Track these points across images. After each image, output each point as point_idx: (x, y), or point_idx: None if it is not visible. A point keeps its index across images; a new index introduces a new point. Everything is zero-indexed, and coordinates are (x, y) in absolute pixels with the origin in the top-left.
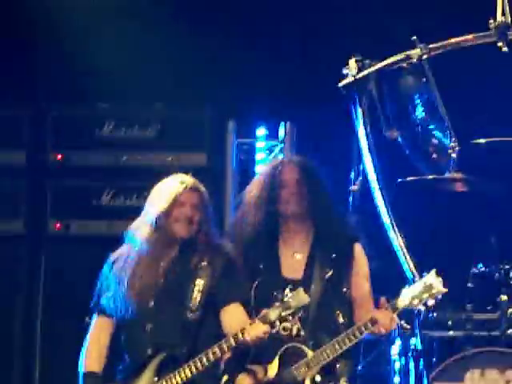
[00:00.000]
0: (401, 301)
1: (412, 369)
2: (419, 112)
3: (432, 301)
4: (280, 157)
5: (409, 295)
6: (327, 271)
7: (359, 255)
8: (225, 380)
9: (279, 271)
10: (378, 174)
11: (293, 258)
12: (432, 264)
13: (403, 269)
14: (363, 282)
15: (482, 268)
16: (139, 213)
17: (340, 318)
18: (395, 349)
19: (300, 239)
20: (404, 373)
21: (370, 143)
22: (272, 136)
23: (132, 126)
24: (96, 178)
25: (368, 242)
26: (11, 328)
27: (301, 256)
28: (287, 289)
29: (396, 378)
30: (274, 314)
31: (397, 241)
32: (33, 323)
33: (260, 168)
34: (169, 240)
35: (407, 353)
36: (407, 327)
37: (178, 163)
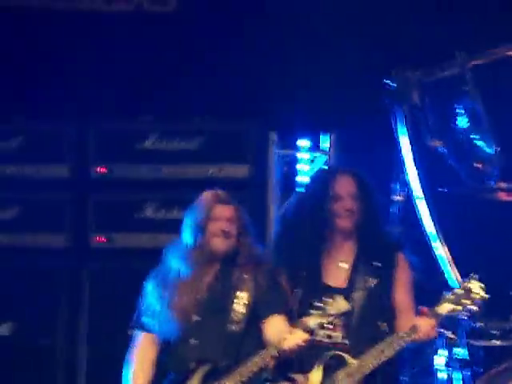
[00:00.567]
0: (442, 307)
1: (457, 379)
2: (462, 122)
3: (474, 307)
4: (334, 166)
5: (450, 301)
6: (371, 280)
7: (402, 264)
8: None
9: (322, 280)
10: (422, 184)
11: (337, 268)
12: (476, 274)
13: (447, 279)
14: (406, 291)
15: None
16: (181, 225)
17: (383, 327)
18: (439, 359)
19: (345, 250)
20: (449, 383)
21: (414, 153)
22: (314, 147)
23: (174, 139)
24: (138, 191)
25: (411, 252)
26: (54, 343)
27: (345, 265)
28: (326, 297)
29: None
30: (313, 322)
31: (441, 250)
32: (77, 337)
33: (307, 178)
34: (209, 256)
35: (452, 363)
36: (452, 337)
37: (220, 175)
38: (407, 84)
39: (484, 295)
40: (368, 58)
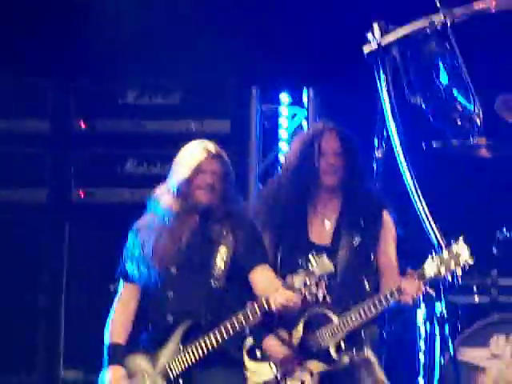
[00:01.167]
0: (428, 270)
1: (437, 334)
2: (443, 78)
3: (459, 270)
4: (320, 123)
5: (436, 264)
6: (355, 238)
7: (387, 223)
8: (250, 342)
9: (306, 236)
10: (402, 140)
11: (322, 225)
12: (457, 230)
13: (428, 236)
14: (390, 249)
15: (507, 233)
16: (163, 180)
17: (367, 285)
18: (420, 315)
19: (330, 207)
20: (429, 339)
21: (394, 108)
22: (295, 102)
23: (156, 94)
24: (120, 146)
25: (393, 209)
26: (35, 297)
27: (330, 223)
28: (311, 255)
29: (421, 344)
30: (299, 281)
31: (421, 207)
32: (57, 292)
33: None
34: (190, 207)
35: (432, 319)
36: (432, 293)
37: (202, 130)
38: (388, 38)
39: (470, 259)
40: (350, 12)
